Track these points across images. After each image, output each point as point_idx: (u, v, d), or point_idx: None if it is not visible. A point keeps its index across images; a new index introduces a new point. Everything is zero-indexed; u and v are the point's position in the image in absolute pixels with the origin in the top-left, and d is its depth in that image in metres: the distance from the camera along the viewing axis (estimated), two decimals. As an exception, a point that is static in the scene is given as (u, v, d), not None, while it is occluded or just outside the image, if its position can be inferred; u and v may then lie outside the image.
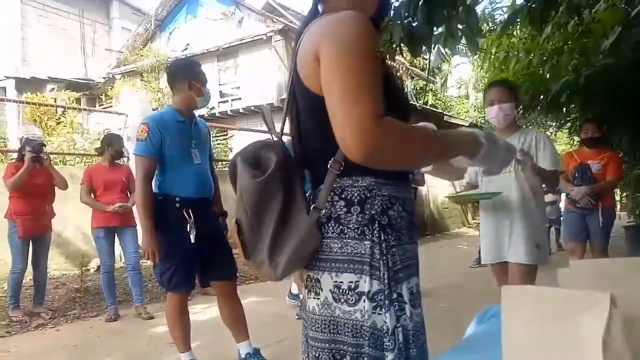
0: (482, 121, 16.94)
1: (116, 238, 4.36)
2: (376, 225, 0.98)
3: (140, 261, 4.43)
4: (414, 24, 2.60)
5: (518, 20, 2.89)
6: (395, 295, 0.98)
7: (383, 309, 0.97)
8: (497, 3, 11.32)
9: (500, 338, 0.64)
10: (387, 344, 0.96)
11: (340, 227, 1.00)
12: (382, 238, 0.98)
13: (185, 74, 2.64)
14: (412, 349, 0.99)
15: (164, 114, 2.69)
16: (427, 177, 5.80)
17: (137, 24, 16.03)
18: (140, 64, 13.28)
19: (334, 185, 1.01)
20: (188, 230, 2.48)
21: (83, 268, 5.67)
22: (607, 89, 4.06)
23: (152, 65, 12.88)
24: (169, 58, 12.79)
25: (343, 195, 1.01)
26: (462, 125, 15.60)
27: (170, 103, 2.75)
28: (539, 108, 5.09)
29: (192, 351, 2.73)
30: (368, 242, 0.98)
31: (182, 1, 14.85)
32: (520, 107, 5.16)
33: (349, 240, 0.99)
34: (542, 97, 4.70)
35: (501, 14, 4.73)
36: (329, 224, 1.01)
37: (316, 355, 1.03)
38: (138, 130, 2.54)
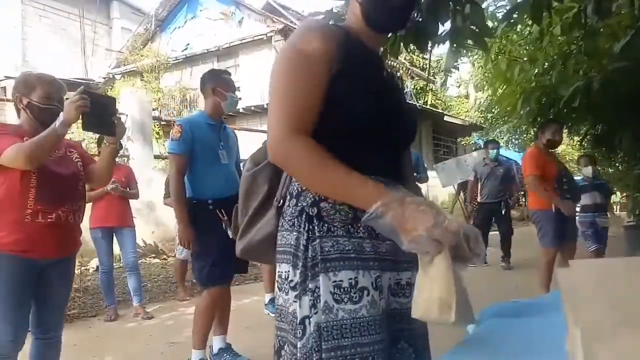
0: (482, 121, 16.94)
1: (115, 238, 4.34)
2: (304, 216, 1.03)
3: (139, 261, 4.42)
4: (419, 20, 2.57)
5: (517, 14, 2.81)
6: (311, 286, 0.99)
7: (299, 298, 1.01)
8: (500, 2, 11.13)
9: (500, 337, 0.63)
10: (297, 332, 1.00)
11: (282, 219, 1.10)
12: (307, 228, 1.02)
13: (211, 80, 2.88)
14: (329, 343, 0.96)
15: (196, 117, 3.05)
16: (429, 175, 5.80)
17: (137, 24, 16.04)
18: (140, 64, 13.28)
19: (292, 181, 1.10)
20: (224, 228, 2.64)
21: (82, 268, 5.67)
22: (619, 92, 4.02)
23: (152, 65, 12.89)
24: (169, 58, 12.80)
25: (290, 190, 1.09)
26: (461, 125, 15.56)
27: (202, 108, 3.00)
28: (550, 115, 5.04)
29: (205, 350, 2.81)
30: (295, 233, 1.04)
31: (182, 1, 14.87)
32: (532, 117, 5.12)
33: (285, 232, 1.08)
34: (552, 104, 4.64)
35: (503, 12, 4.69)
36: (281, 217, 1.11)
37: (273, 343, 1.13)
38: (172, 131, 2.80)
